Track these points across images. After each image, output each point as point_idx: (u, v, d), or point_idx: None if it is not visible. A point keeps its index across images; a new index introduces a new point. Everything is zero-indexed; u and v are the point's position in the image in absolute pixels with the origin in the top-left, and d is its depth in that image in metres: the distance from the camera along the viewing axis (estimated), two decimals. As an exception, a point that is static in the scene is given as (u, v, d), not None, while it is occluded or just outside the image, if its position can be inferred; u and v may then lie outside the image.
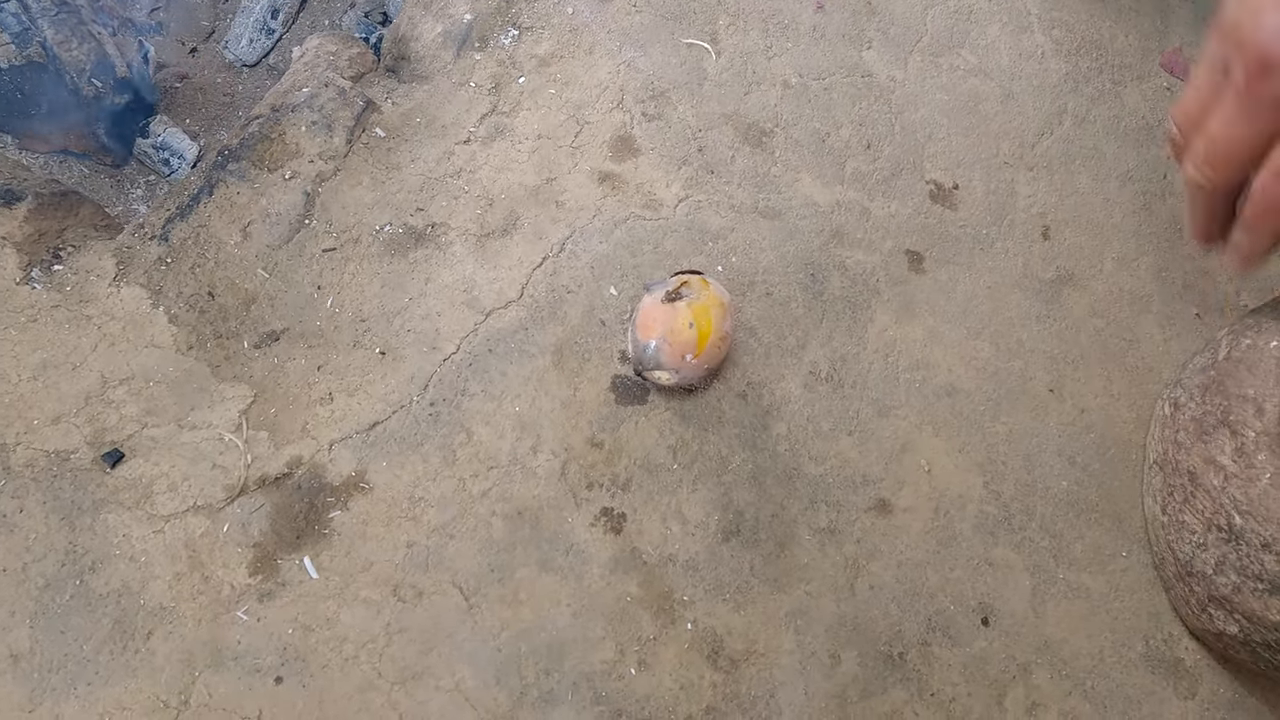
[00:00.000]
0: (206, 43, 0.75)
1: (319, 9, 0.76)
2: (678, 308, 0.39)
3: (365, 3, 0.74)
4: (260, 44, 0.72)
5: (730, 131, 0.55)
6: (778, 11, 0.60)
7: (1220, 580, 0.41)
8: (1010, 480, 0.48)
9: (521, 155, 0.53)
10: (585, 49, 0.57)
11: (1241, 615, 0.41)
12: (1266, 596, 0.39)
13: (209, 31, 0.75)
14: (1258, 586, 0.39)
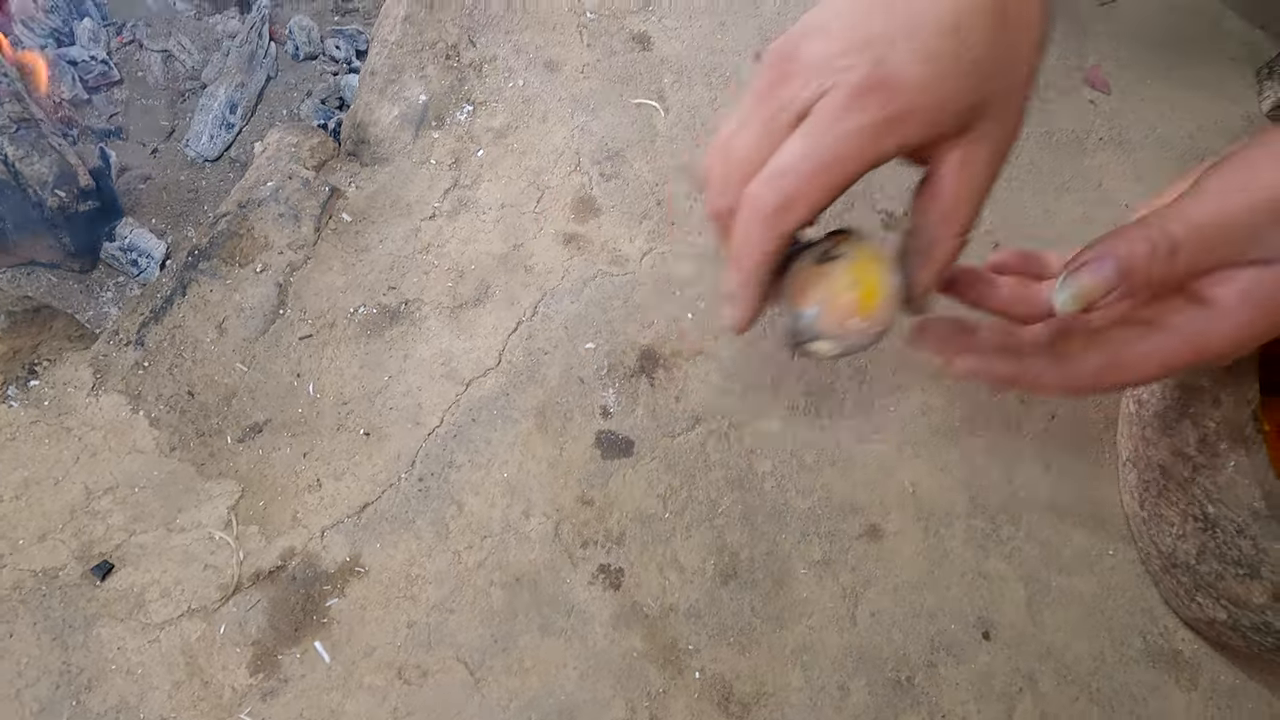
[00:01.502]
0: (167, 142, 0.76)
1: (276, 99, 0.78)
2: (834, 269, 0.33)
3: (321, 90, 0.76)
4: (221, 139, 0.73)
5: (686, 183, 0.57)
6: (718, 65, 0.63)
7: (1203, 569, 0.42)
8: (993, 492, 0.49)
9: (487, 225, 0.54)
10: (539, 118, 0.59)
11: (1228, 601, 0.42)
12: (1248, 580, 0.40)
13: (169, 130, 0.77)
14: (1238, 571, 0.40)
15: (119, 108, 0.76)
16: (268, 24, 0.77)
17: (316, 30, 0.78)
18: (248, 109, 0.75)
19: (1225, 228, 0.27)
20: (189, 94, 0.77)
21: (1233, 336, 0.28)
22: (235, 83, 0.74)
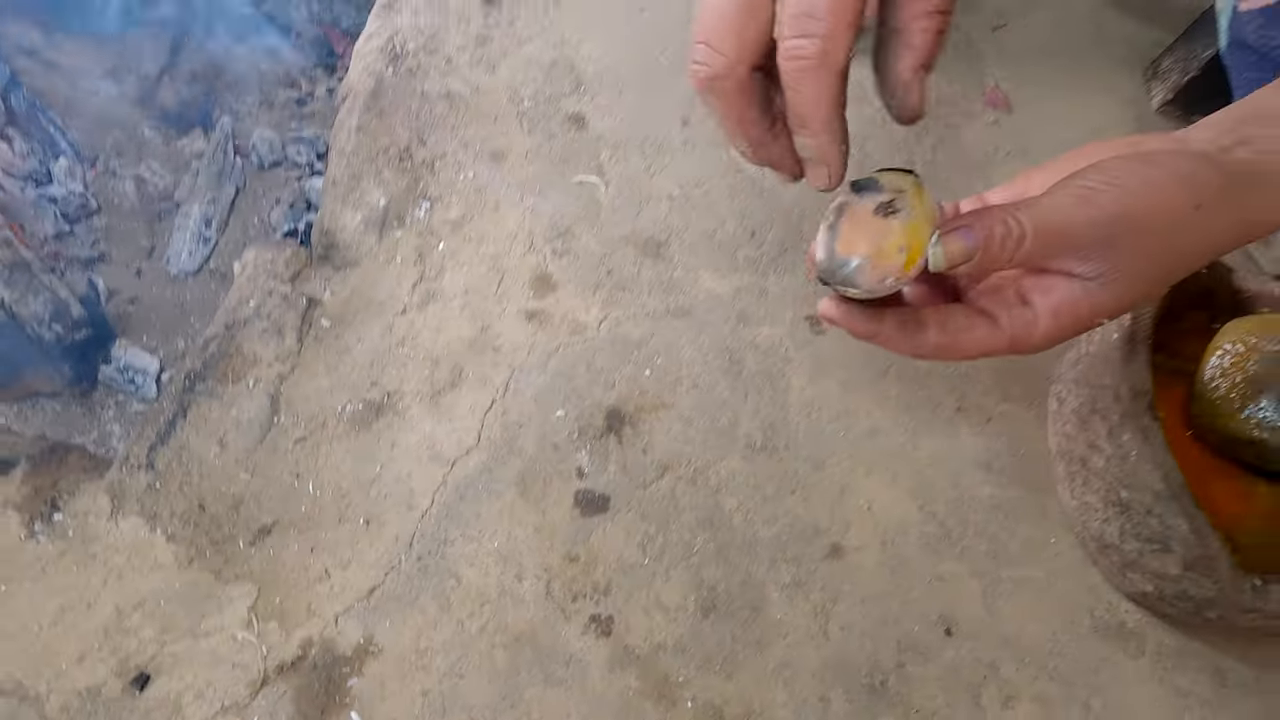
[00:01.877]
0: (149, 261, 0.81)
1: (247, 209, 0.83)
2: (891, 225, 0.32)
3: (289, 195, 0.82)
4: (200, 253, 0.78)
5: (632, 250, 0.62)
6: (650, 135, 0.68)
7: (1126, 548, 0.47)
8: (941, 499, 0.54)
9: (454, 312, 0.59)
10: (491, 206, 0.64)
11: (1151, 574, 0.47)
12: (1162, 555, 0.45)
13: (149, 250, 0.82)
14: (1153, 547, 0.45)
15: (100, 234, 0.81)
16: (231, 140, 0.82)
17: (278, 139, 0.84)
18: (222, 221, 0.80)
19: (1065, 235, 0.30)
20: (164, 214, 0.82)
21: (1042, 340, 0.32)
22: (207, 199, 0.79)
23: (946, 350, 0.33)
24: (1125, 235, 0.30)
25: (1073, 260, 0.31)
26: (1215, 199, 0.31)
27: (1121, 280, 0.31)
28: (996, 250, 0.30)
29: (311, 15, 1.02)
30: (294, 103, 0.90)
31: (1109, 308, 0.31)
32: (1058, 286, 0.31)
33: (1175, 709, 0.49)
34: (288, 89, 0.92)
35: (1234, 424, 0.47)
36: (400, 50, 0.72)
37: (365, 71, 0.70)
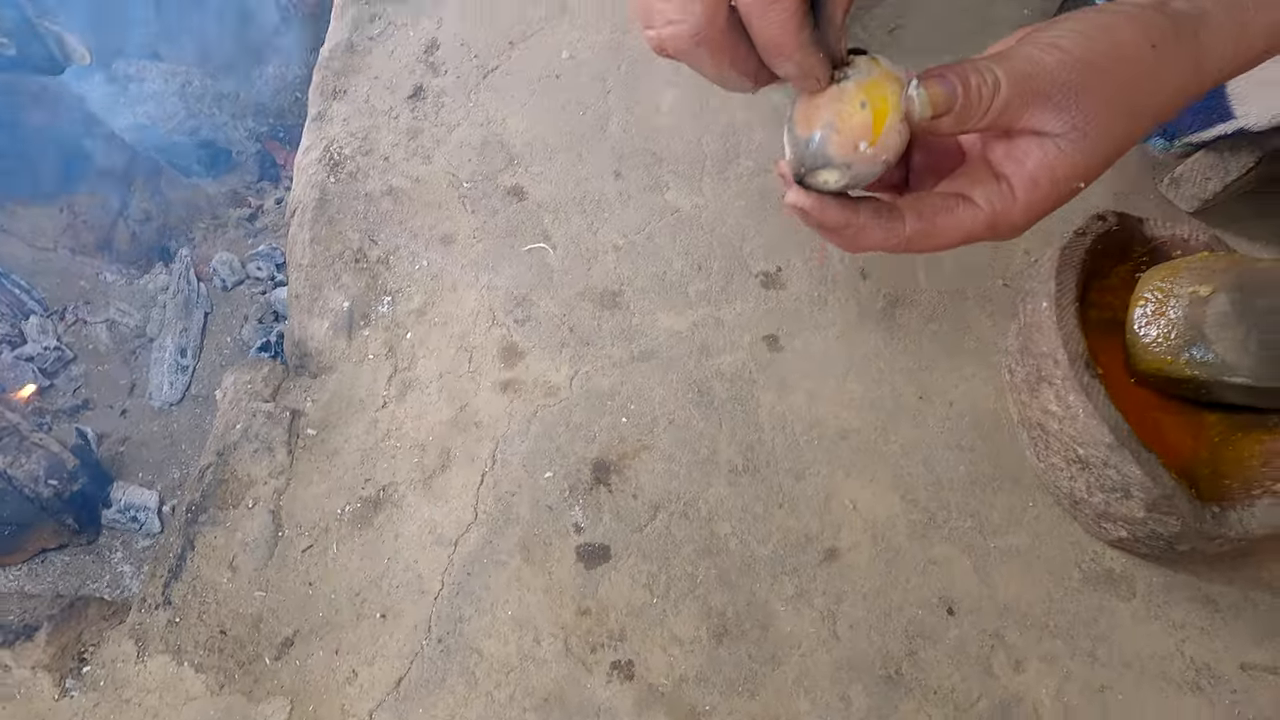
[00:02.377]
0: (132, 398, 0.83)
1: (219, 330, 0.85)
2: (845, 87, 0.30)
3: (256, 310, 0.84)
4: (179, 382, 0.80)
5: (589, 305, 0.66)
6: (586, 194, 0.72)
7: (1094, 500, 0.50)
8: (920, 486, 0.57)
9: (432, 397, 0.62)
10: (449, 288, 0.67)
11: (1121, 520, 0.49)
12: (1125, 501, 0.48)
13: (130, 387, 0.84)
14: (1116, 495, 0.48)
15: (80, 382, 0.83)
16: (192, 269, 0.85)
17: (236, 259, 0.87)
18: (196, 348, 0.83)
19: (1036, 82, 0.29)
20: (140, 351, 0.84)
21: (1022, 215, 0.31)
22: (179, 329, 0.82)
23: (925, 236, 0.31)
24: (1092, 81, 0.30)
25: (1044, 114, 0.30)
26: (1168, 39, 0.31)
27: (1091, 134, 0.30)
28: (974, 98, 0.29)
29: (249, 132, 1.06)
30: (246, 220, 0.93)
31: (1082, 167, 0.30)
32: (1030, 152, 0.30)
33: (1175, 641, 0.51)
34: (238, 208, 0.96)
35: (1168, 367, 0.51)
36: (338, 157, 0.75)
37: (308, 184, 0.74)
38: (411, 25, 0.86)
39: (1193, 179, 0.71)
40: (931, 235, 0.31)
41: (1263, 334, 0.47)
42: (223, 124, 1.05)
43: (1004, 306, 0.65)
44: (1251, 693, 0.50)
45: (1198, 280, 0.50)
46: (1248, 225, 0.72)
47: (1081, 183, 0.31)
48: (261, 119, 1.07)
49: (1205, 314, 0.49)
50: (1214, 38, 0.32)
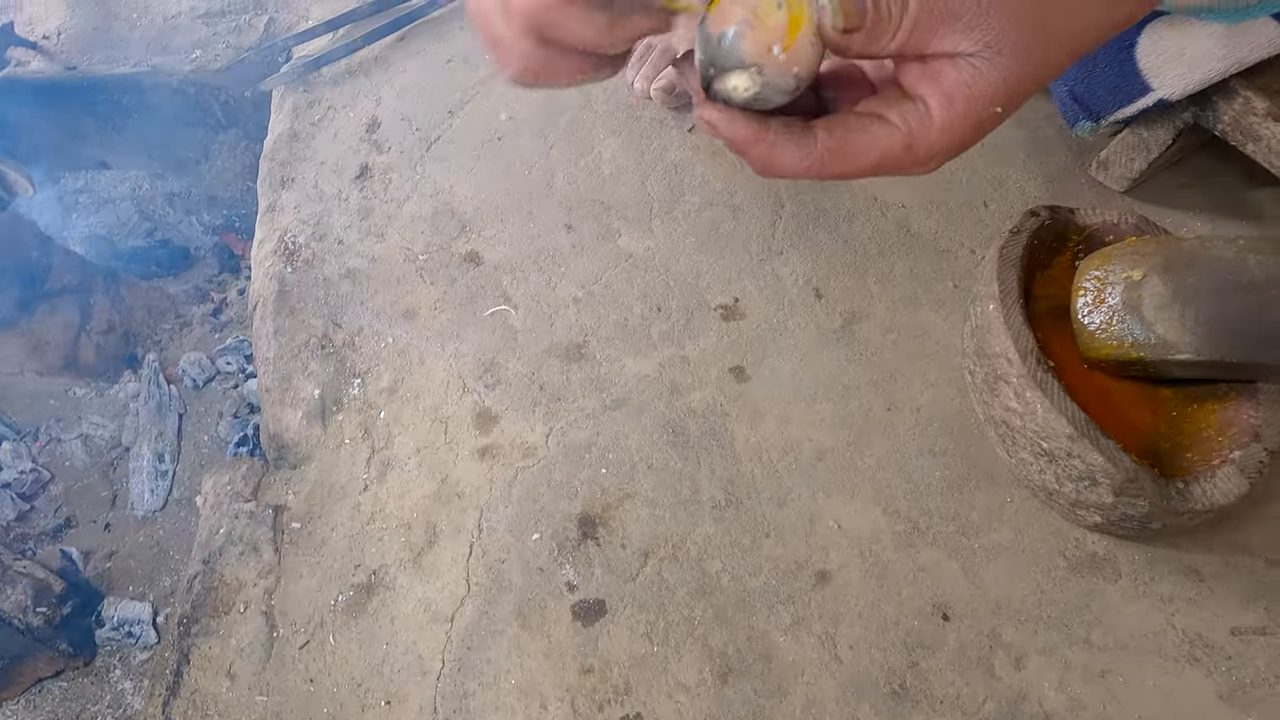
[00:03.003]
0: (114, 510, 0.83)
1: (195, 430, 0.85)
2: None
3: (230, 405, 0.85)
4: (161, 489, 0.80)
5: (556, 360, 0.67)
6: (541, 251, 0.73)
7: (1066, 490, 0.51)
8: (900, 496, 0.58)
9: (412, 473, 0.62)
10: (417, 361, 0.68)
11: (1093, 507, 0.51)
12: (1093, 488, 0.49)
13: (112, 499, 0.83)
14: (1085, 484, 0.50)
15: (60, 501, 0.82)
16: (160, 373, 0.85)
17: (205, 357, 0.87)
18: (174, 452, 0.82)
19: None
20: (117, 462, 0.84)
21: (940, 136, 0.30)
22: (154, 435, 0.82)
23: (838, 156, 0.30)
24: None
25: (955, 34, 0.29)
26: None
27: (1005, 51, 0.29)
28: (884, 14, 0.28)
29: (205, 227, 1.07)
30: (211, 316, 0.94)
31: (1001, 86, 0.30)
32: (945, 71, 0.29)
33: (1165, 616, 0.52)
34: (202, 304, 0.96)
35: (1115, 352, 0.52)
36: (293, 246, 0.76)
37: (266, 276, 0.75)
38: (351, 106, 0.88)
39: (1119, 160, 0.73)
40: (845, 155, 0.30)
41: (1197, 310, 0.48)
42: (177, 222, 1.06)
43: (957, 308, 0.67)
44: (1246, 657, 0.51)
45: (1129, 265, 0.52)
46: (1177, 195, 0.74)
47: (999, 107, 0.30)
48: (216, 212, 1.08)
49: (1141, 297, 0.51)
50: None
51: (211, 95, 1.00)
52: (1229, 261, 0.48)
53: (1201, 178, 0.75)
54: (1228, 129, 0.63)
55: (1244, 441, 0.49)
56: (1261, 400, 0.51)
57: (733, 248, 0.72)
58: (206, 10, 1.02)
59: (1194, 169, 0.74)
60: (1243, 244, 0.48)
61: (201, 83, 0.98)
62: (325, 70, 0.91)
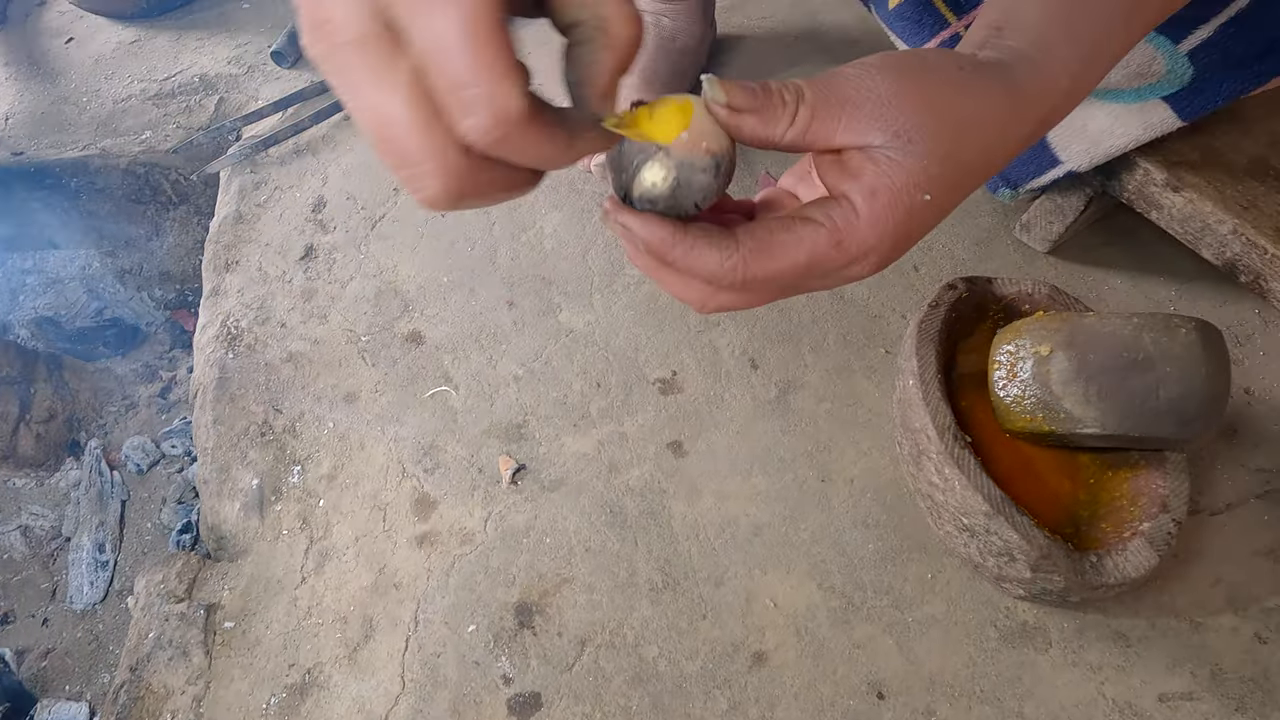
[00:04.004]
0: (53, 603, 0.81)
1: (138, 516, 0.84)
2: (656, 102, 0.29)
3: (174, 490, 0.83)
4: (100, 580, 0.78)
5: (495, 441, 0.67)
6: (482, 328, 0.74)
7: (989, 564, 0.52)
8: (834, 571, 0.59)
9: (349, 564, 0.62)
10: (357, 446, 0.68)
11: (1015, 581, 0.52)
12: (1011, 563, 0.50)
13: (51, 591, 0.82)
14: (1004, 559, 0.50)
15: (-2, 595, 0.80)
16: (103, 459, 0.84)
17: (150, 441, 0.86)
18: (115, 541, 0.81)
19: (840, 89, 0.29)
20: (58, 552, 0.82)
21: (869, 230, 0.29)
22: (95, 524, 0.80)
23: (761, 255, 0.29)
24: (902, 87, 0.29)
25: (861, 125, 0.29)
26: (976, 71, 0.31)
27: (917, 139, 0.29)
28: (776, 100, 0.28)
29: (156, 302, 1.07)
30: (158, 396, 0.93)
31: (920, 174, 0.29)
32: (863, 166, 0.29)
33: (1095, 685, 0.53)
34: (149, 384, 0.96)
35: (1029, 424, 0.54)
36: (235, 331, 0.77)
37: (207, 363, 0.75)
38: (298, 186, 0.89)
39: (1039, 223, 0.76)
40: (770, 253, 0.29)
41: (1100, 385, 0.50)
42: (128, 299, 1.06)
43: (889, 374, 0.68)
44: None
45: (1038, 341, 0.54)
46: (1098, 253, 0.77)
47: (928, 195, 0.29)
48: (168, 287, 1.08)
49: (1049, 372, 0.52)
50: (1024, 73, 0.33)
51: (162, 174, 1.01)
52: (1126, 339, 0.50)
53: (1121, 235, 0.78)
54: (1132, 197, 0.66)
55: (1153, 512, 0.50)
56: (1169, 469, 0.52)
57: (671, 320, 0.73)
58: (158, 92, 1.04)
59: (1114, 227, 0.77)
60: (1138, 322, 0.50)
61: (151, 163, 0.99)
62: (273, 150, 0.92)
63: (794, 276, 0.30)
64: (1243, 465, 0.62)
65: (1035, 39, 0.34)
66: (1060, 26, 0.35)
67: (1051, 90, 0.34)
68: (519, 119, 0.23)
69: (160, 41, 1.10)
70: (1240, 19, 0.53)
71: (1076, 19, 0.35)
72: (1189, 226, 0.63)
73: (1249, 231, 0.59)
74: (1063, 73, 0.34)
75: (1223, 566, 0.57)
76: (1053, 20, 0.35)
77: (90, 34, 1.13)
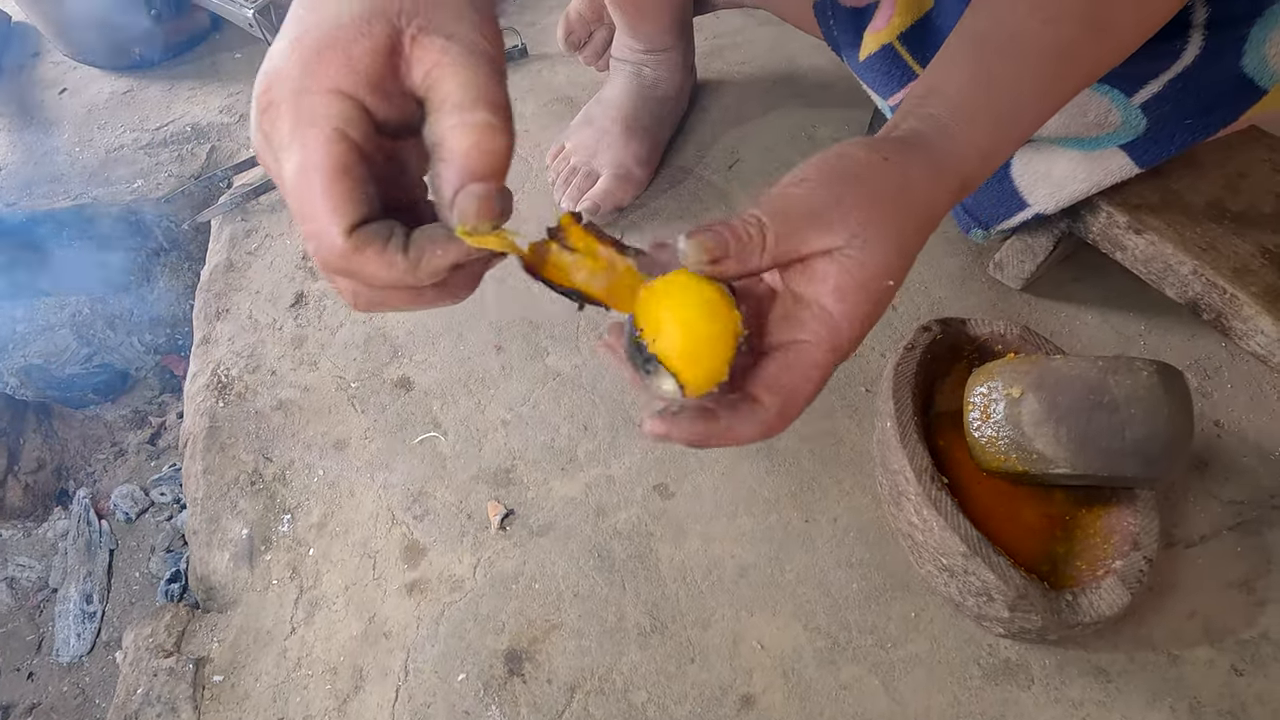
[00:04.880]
0: (39, 656, 0.80)
1: (126, 565, 0.84)
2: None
3: (163, 539, 0.83)
4: (87, 632, 0.78)
5: (484, 487, 0.68)
6: (471, 373, 0.75)
7: (969, 604, 0.53)
8: (820, 611, 0.59)
9: (339, 613, 0.62)
10: (347, 493, 0.69)
11: (994, 620, 0.53)
12: (991, 602, 0.51)
13: (37, 644, 0.81)
14: (983, 599, 0.52)
15: (-16, 655, 0.79)
16: (91, 508, 0.84)
17: (139, 489, 0.86)
18: (103, 591, 0.81)
19: (794, 208, 0.32)
20: (44, 604, 0.81)
21: (849, 326, 0.32)
22: (82, 574, 0.80)
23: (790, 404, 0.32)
24: (845, 192, 0.32)
25: (819, 234, 0.32)
26: (897, 151, 0.34)
27: (870, 235, 0.32)
28: (745, 238, 0.31)
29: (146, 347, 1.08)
30: (147, 443, 0.93)
31: (881, 266, 0.32)
32: (827, 270, 0.32)
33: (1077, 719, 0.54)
34: (137, 431, 0.96)
35: (1003, 464, 0.55)
36: (226, 379, 0.77)
37: (197, 413, 0.75)
38: (288, 233, 0.91)
39: (1012, 262, 0.79)
40: (794, 397, 0.32)
41: (1069, 427, 0.52)
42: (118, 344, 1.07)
43: (870, 414, 0.70)
44: (1156, 759, 0.52)
45: (1009, 383, 0.55)
46: (1070, 290, 0.80)
47: (889, 280, 0.33)
48: (158, 331, 1.09)
49: (1021, 414, 0.54)
50: (939, 142, 0.37)
51: (153, 221, 1.03)
52: (1092, 381, 0.52)
53: (1091, 271, 0.80)
54: (1097, 239, 0.69)
55: (1125, 550, 0.52)
56: (1139, 507, 0.54)
57: (656, 362, 0.74)
58: (150, 141, 1.06)
59: (1084, 264, 0.80)
60: (1103, 364, 0.52)
61: (143, 210, 1.01)
62: (264, 198, 0.94)
63: (811, 398, 0.33)
64: (1215, 497, 0.64)
65: (954, 108, 0.38)
66: (978, 98, 0.38)
67: (968, 157, 0.37)
68: (344, 251, 0.27)
69: (153, 91, 1.13)
70: (1186, 75, 0.56)
71: (994, 92, 0.38)
72: (1152, 267, 0.65)
73: (1208, 272, 0.61)
74: (978, 140, 0.37)
75: (1198, 599, 0.59)
76: (971, 92, 0.38)
77: (83, 84, 1.15)
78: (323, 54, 0.26)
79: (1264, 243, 0.62)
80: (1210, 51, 0.54)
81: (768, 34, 1.08)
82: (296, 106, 0.26)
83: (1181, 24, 0.54)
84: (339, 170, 0.26)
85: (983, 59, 0.39)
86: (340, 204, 0.26)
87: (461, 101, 0.27)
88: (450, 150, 0.27)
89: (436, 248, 0.28)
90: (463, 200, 0.27)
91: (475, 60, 0.27)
